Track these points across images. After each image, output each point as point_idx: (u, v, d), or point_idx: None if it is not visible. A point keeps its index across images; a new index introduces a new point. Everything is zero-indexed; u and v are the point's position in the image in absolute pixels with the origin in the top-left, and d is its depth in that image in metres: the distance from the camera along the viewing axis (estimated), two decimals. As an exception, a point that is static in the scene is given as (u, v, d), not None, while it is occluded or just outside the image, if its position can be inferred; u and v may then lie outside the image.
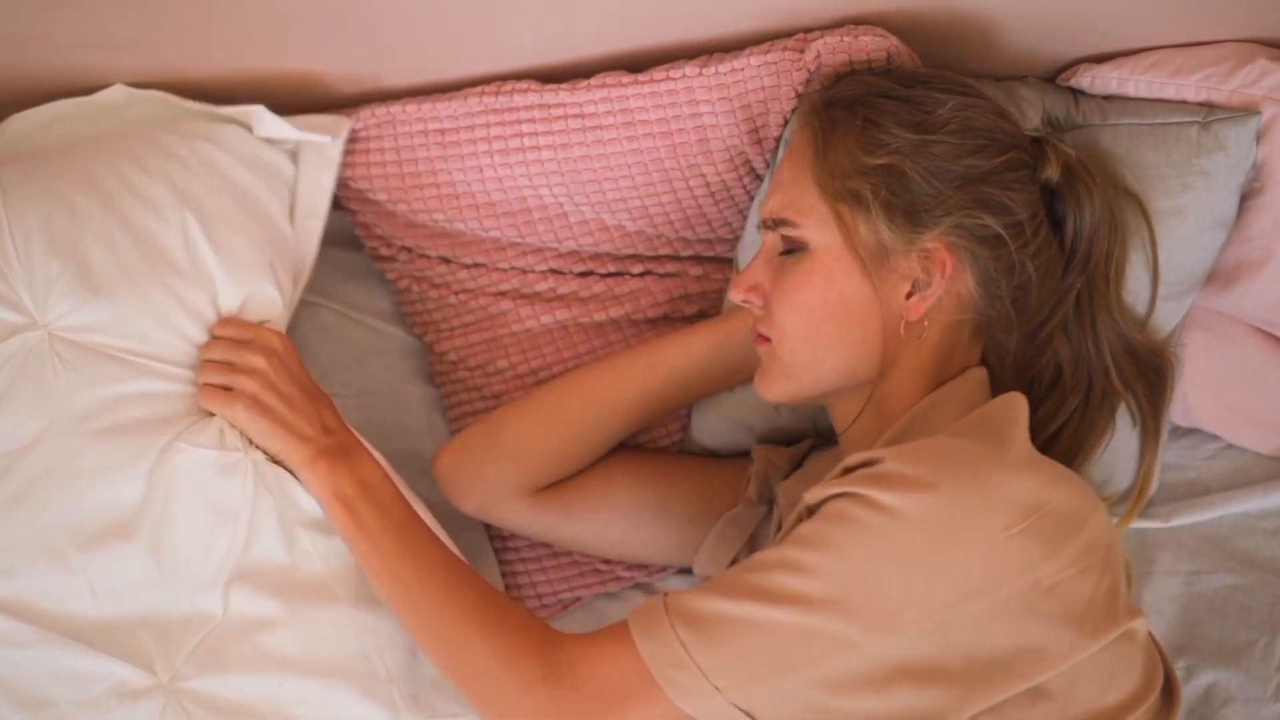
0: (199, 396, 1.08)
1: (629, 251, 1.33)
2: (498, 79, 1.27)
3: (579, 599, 1.36)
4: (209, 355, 1.09)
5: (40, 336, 1.04)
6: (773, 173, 1.19)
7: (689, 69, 1.21)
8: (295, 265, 1.24)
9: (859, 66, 1.17)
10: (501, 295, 1.35)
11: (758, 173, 1.26)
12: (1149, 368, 1.17)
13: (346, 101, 1.31)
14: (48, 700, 0.99)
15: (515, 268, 1.34)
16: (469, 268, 1.35)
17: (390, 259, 1.38)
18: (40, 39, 1.13)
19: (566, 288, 1.34)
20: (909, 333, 1.05)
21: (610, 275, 1.34)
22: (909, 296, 1.05)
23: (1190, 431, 1.36)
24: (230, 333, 1.10)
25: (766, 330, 1.10)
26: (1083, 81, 1.25)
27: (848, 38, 1.15)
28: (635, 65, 1.25)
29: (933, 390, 1.06)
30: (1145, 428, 1.19)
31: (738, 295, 1.12)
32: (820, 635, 0.90)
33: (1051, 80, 1.28)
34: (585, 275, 1.34)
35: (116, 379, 1.05)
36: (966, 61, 1.24)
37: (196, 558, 1.03)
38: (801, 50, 1.18)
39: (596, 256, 1.34)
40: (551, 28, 1.21)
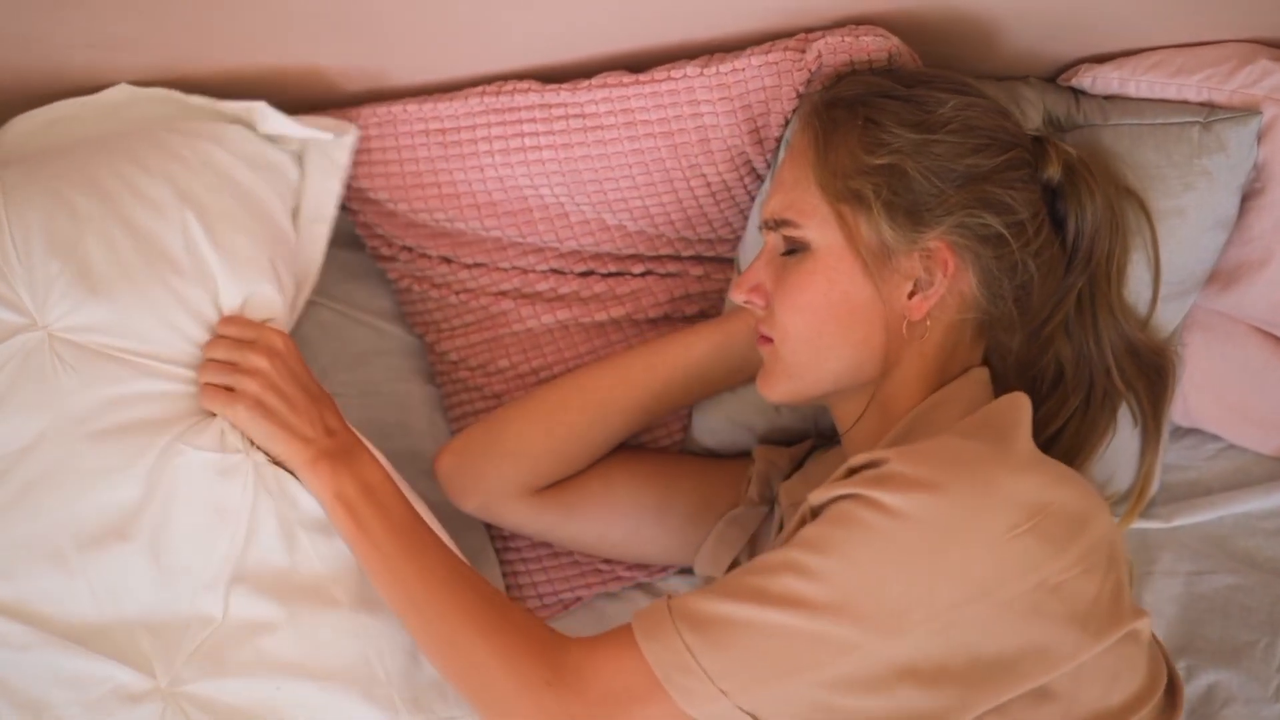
0: (200, 396, 1.07)
1: (630, 251, 1.33)
2: (499, 79, 1.27)
3: (580, 599, 1.35)
4: (211, 354, 1.08)
5: (40, 337, 1.04)
6: (774, 173, 1.19)
7: (690, 69, 1.21)
8: (300, 268, 1.24)
9: (860, 66, 1.17)
10: (502, 295, 1.34)
11: (759, 173, 1.26)
12: (1150, 367, 1.17)
13: (348, 100, 1.31)
14: (47, 703, 0.98)
15: (516, 267, 1.34)
16: (470, 267, 1.35)
17: (391, 259, 1.37)
18: (41, 39, 1.13)
19: (567, 287, 1.33)
20: (911, 333, 1.05)
21: (611, 275, 1.34)
22: (911, 296, 1.05)
23: (1191, 431, 1.36)
24: (233, 332, 1.10)
25: (769, 331, 1.09)
26: (1084, 82, 1.25)
27: (849, 38, 1.15)
28: (636, 65, 1.24)
29: (935, 390, 1.06)
30: (1146, 427, 1.19)
31: (740, 296, 1.11)
32: (825, 639, 0.89)
33: (1053, 80, 1.28)
34: (586, 275, 1.34)
35: (117, 379, 1.04)
36: (967, 61, 1.24)
37: (196, 560, 1.03)
38: (803, 50, 1.18)
39: (597, 256, 1.33)
40: (552, 28, 1.21)
